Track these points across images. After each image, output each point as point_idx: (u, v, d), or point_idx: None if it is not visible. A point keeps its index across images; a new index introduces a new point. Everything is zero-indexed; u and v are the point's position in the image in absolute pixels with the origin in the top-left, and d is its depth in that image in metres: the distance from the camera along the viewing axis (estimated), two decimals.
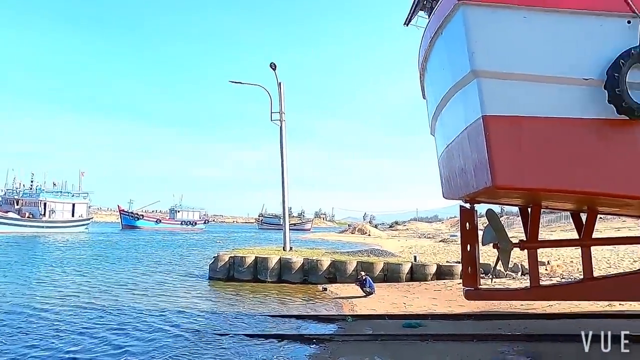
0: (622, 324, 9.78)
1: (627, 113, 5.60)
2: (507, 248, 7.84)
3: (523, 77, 5.89)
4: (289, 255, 18.22)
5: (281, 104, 21.46)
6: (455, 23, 6.26)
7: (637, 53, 5.58)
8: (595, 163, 5.87)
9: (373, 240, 44.24)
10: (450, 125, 7.53)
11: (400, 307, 12.25)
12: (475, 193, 6.82)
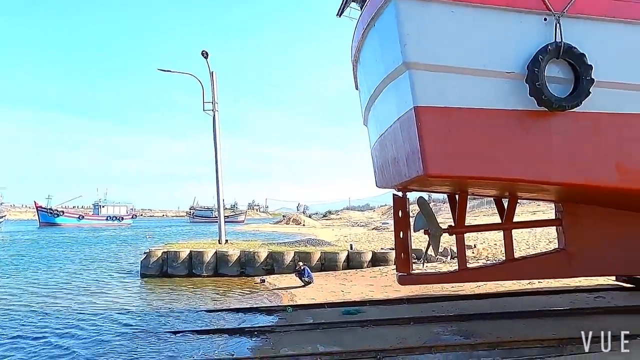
0: (540, 300, 10.64)
1: (546, 105, 5.95)
2: (437, 234, 8.14)
3: (452, 69, 6.08)
4: (225, 248, 17.86)
5: (214, 94, 20.84)
6: (387, 16, 6.35)
7: (554, 49, 5.90)
8: (518, 152, 6.20)
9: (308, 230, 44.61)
10: (383, 116, 7.65)
11: (339, 295, 12.43)
12: (408, 182, 7.02)
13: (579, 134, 6.23)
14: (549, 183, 6.56)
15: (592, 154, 6.29)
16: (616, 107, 6.19)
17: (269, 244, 20.52)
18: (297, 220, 61.08)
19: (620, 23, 6.14)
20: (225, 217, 21.45)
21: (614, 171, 6.34)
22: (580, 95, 6.00)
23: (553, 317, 9.21)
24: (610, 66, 6.11)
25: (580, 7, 6.03)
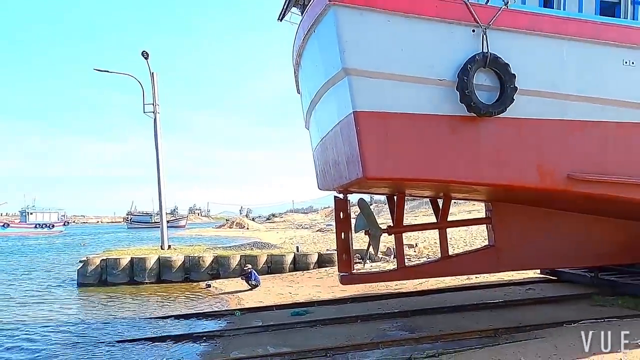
0: (477, 294, 11.33)
1: (475, 111, 6.38)
2: (377, 234, 8.46)
3: (389, 76, 6.37)
4: (168, 254, 17.43)
5: (154, 95, 20.27)
6: (326, 23, 6.54)
7: (481, 58, 6.33)
8: (450, 155, 6.63)
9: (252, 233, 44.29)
10: (324, 120, 7.87)
11: (287, 297, 12.55)
12: (348, 184, 7.30)
13: (505, 138, 6.71)
14: (478, 184, 7.01)
15: (516, 156, 6.77)
16: (537, 113, 6.75)
17: (213, 249, 20.23)
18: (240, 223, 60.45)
19: (539, 36, 6.71)
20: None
21: (536, 173, 6.85)
22: (505, 102, 6.48)
23: (489, 310, 9.86)
24: (531, 75, 6.64)
25: (504, 20, 6.52)
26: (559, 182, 6.88)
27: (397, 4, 6.36)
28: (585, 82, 6.83)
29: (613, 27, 6.98)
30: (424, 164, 6.55)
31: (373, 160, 6.40)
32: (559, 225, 8.34)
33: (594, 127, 6.91)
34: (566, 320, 8.12)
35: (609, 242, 8.67)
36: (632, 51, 6.93)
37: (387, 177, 6.75)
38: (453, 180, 6.86)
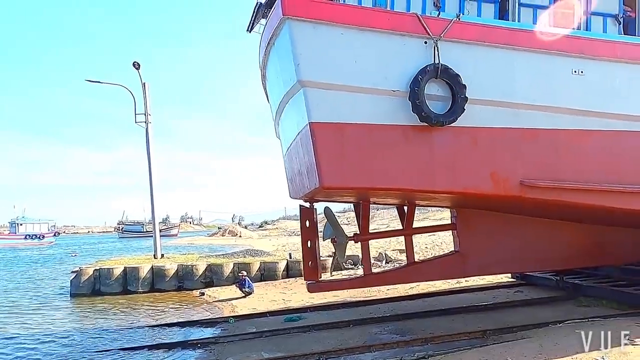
0: (467, 297, 11.57)
1: (426, 121, 6.65)
2: (343, 242, 8.61)
3: (344, 87, 6.61)
4: (161, 263, 17.66)
5: (146, 106, 20.43)
6: (282, 36, 6.78)
7: (432, 69, 6.62)
8: (405, 163, 6.88)
9: (245, 241, 44.34)
10: (288, 130, 8.20)
11: (280, 303, 12.78)
12: (310, 193, 7.56)
13: (458, 146, 7.01)
14: (433, 192, 7.36)
15: (469, 164, 7.08)
16: (489, 122, 7.09)
17: (207, 257, 20.40)
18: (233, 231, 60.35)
19: (490, 47, 7.05)
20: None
21: (489, 180, 7.18)
22: (456, 112, 6.76)
23: (478, 312, 10.16)
24: (483, 85, 6.97)
25: (455, 32, 6.85)
26: (512, 189, 7.21)
27: (351, 17, 6.66)
28: (536, 91, 7.18)
29: (562, 38, 7.35)
30: (380, 173, 6.83)
31: (330, 170, 6.64)
32: (522, 230, 8.66)
33: (546, 135, 7.28)
34: (552, 321, 8.45)
35: (573, 246, 9.00)
36: (581, 61, 7.31)
37: (344, 187, 7.01)
38: (408, 188, 7.15)
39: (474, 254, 8.55)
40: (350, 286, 10.22)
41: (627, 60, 7.50)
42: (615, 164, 7.55)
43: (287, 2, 6.49)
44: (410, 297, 12.06)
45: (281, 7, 6.48)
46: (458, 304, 10.84)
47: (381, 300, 11.90)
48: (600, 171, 7.48)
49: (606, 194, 7.42)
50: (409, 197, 8.47)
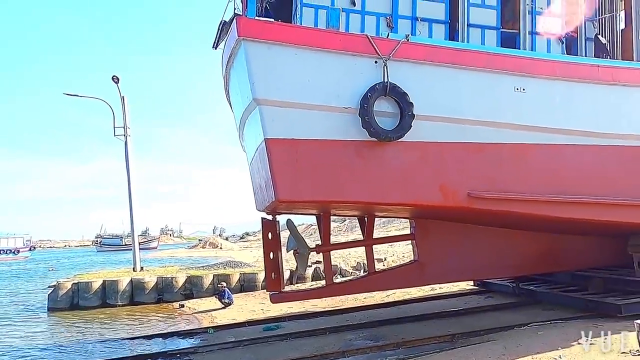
0: (440, 303, 11.96)
1: (375, 136, 7.06)
2: (305, 253, 8.85)
3: (298, 105, 6.97)
4: (140, 276, 17.77)
5: (125, 119, 20.54)
6: (239, 56, 7.13)
7: (381, 87, 7.04)
8: (358, 177, 7.25)
9: (225, 253, 44.17)
10: (250, 144, 8.58)
11: (260, 313, 13.05)
12: (270, 206, 7.90)
13: (408, 160, 7.45)
14: (386, 204, 7.81)
15: (419, 177, 7.53)
16: (438, 137, 7.56)
17: (186, 269, 20.50)
18: (213, 243, 60.01)
19: (437, 66, 7.56)
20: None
21: (438, 192, 7.62)
22: (404, 128, 7.18)
23: (450, 317, 10.58)
24: (431, 102, 7.44)
25: (404, 52, 7.34)
26: (461, 200, 7.63)
27: (304, 38, 7.07)
28: (481, 108, 7.69)
29: (504, 57, 7.95)
30: (333, 186, 7.21)
31: (285, 184, 6.96)
32: (478, 238, 9.13)
33: (491, 149, 7.81)
34: (516, 324, 8.90)
35: (526, 254, 9.51)
36: (523, 78, 7.86)
37: (299, 200, 7.33)
38: (361, 201, 7.52)
39: (432, 262, 9.00)
40: (312, 296, 10.56)
41: (566, 78, 8.11)
42: (556, 176, 8.12)
43: (243, 24, 6.91)
44: (386, 305, 12.46)
45: (237, 29, 6.91)
46: (431, 310, 11.25)
47: (357, 308, 12.27)
48: (543, 183, 8.04)
49: (548, 204, 8.00)
50: (364, 209, 8.79)
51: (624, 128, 8.34)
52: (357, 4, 8.01)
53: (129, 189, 21.09)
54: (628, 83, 8.33)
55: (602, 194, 8.23)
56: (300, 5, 7.93)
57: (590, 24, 9.11)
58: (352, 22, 7.91)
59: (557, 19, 8.71)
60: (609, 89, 8.22)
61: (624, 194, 8.41)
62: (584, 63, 8.41)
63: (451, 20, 8.45)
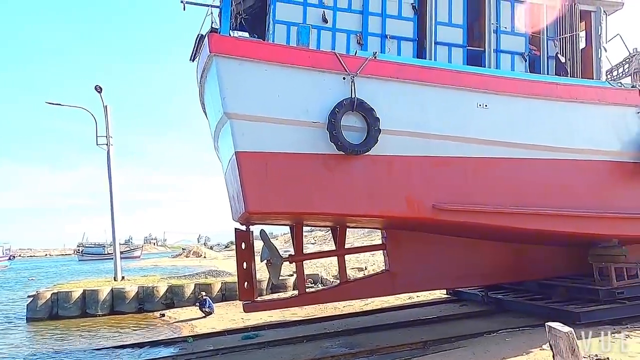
0: (416, 312, 12.27)
1: (342, 150, 7.37)
2: (278, 263, 9.16)
3: (268, 119, 7.25)
4: (121, 285, 17.81)
5: (108, 128, 20.65)
6: (211, 71, 7.42)
7: (348, 103, 7.38)
8: (326, 189, 7.53)
9: (209, 262, 44.11)
10: (224, 155, 8.87)
11: (239, 322, 13.28)
12: (241, 217, 8.13)
13: (375, 173, 7.75)
14: (354, 215, 8.09)
15: (386, 189, 7.83)
16: (404, 150, 7.90)
17: (168, 278, 20.63)
18: (197, 252, 59.82)
19: (404, 83, 7.93)
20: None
21: (404, 204, 7.95)
22: (370, 142, 7.49)
23: (425, 325, 10.89)
24: (398, 117, 7.79)
25: (371, 69, 7.72)
26: (426, 212, 7.96)
27: (274, 55, 7.38)
28: (445, 123, 8.08)
29: (468, 75, 8.39)
30: (302, 198, 7.51)
31: (254, 196, 7.21)
32: (447, 249, 9.49)
33: (456, 162, 8.18)
34: (486, 331, 9.19)
35: (494, 263, 9.88)
36: (485, 95, 8.29)
37: (268, 212, 7.60)
38: (330, 212, 7.80)
39: (402, 272, 9.33)
40: (285, 305, 10.86)
41: (527, 95, 8.56)
42: (518, 189, 8.55)
43: (214, 41, 7.25)
44: (363, 313, 12.76)
45: (209, 46, 7.25)
46: (406, 318, 11.58)
47: (336, 316, 12.56)
48: (506, 195, 8.46)
49: (511, 215, 8.40)
50: (333, 220, 9.04)
51: (581, 143, 8.76)
52: (328, 21, 8.41)
53: (110, 197, 21.18)
54: (585, 100, 8.81)
55: (562, 206, 8.64)
56: (273, 21, 8.30)
57: (551, 43, 9.59)
58: (323, 39, 8.28)
59: (520, 38, 9.24)
60: (567, 105, 8.67)
61: (583, 206, 8.81)
62: (543, 81, 8.86)
63: (419, 38, 8.87)
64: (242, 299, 9.26)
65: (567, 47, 9.24)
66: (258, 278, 18.99)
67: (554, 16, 9.60)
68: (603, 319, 8.62)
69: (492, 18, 9.19)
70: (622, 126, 9.02)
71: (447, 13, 8.94)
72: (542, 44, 9.52)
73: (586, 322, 8.40)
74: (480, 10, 9.41)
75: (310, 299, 10.16)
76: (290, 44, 8.19)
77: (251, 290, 8.94)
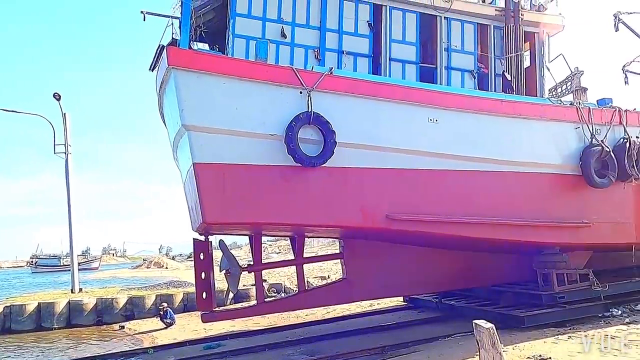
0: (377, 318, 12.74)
1: (300, 162, 7.66)
2: (236, 273, 9.36)
3: (226, 131, 7.47)
4: (79, 297, 17.52)
5: (66, 136, 20.38)
6: (170, 83, 7.60)
7: (305, 116, 7.69)
8: (283, 200, 7.81)
9: (171, 272, 43.60)
10: (183, 166, 9.08)
11: (202, 332, 13.40)
12: (199, 227, 8.31)
13: (330, 184, 8.07)
14: (310, 225, 8.38)
15: (341, 200, 8.16)
16: (359, 163, 8.28)
17: (128, 290, 20.33)
18: (159, 263, 58.90)
19: (358, 98, 8.32)
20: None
21: (359, 214, 8.31)
22: (326, 155, 7.81)
23: (384, 331, 11.30)
24: (353, 130, 8.15)
25: (327, 84, 8.08)
26: (380, 222, 8.34)
27: (232, 68, 7.62)
28: (398, 136, 8.50)
29: (419, 91, 8.89)
30: (259, 209, 7.79)
31: (212, 207, 7.40)
32: (402, 257, 9.93)
33: (408, 174, 8.63)
34: (442, 335, 9.60)
35: (447, 270, 10.36)
36: (436, 110, 8.79)
37: (226, 222, 7.82)
38: (286, 222, 8.08)
39: (359, 280, 9.71)
40: (244, 315, 11.01)
41: (474, 110, 9.12)
42: (467, 199, 9.09)
43: (173, 54, 7.48)
44: (325, 321, 13.15)
45: (167, 58, 7.47)
46: (367, 324, 12.00)
47: (299, 324, 12.89)
48: (456, 205, 8.98)
49: (460, 225, 8.93)
50: (291, 230, 9.36)
51: (525, 156, 9.36)
52: (287, 36, 8.80)
53: (68, 206, 20.85)
54: (527, 116, 9.43)
55: (508, 215, 9.22)
56: (233, 35, 8.63)
57: (499, 62, 10.34)
58: (281, 54, 8.66)
59: (469, 56, 9.94)
60: (511, 121, 9.28)
61: (527, 216, 9.43)
62: (490, 97, 9.49)
63: (375, 54, 9.37)
64: (200, 309, 9.42)
65: (513, 65, 10.03)
66: (222, 288, 19.20)
67: (501, 36, 10.34)
68: (547, 322, 9.23)
69: (443, 37, 9.84)
70: (562, 141, 9.67)
71: (401, 31, 9.52)
72: (490, 63, 10.22)
73: (530, 326, 9.00)
74: (433, 29, 10.02)
75: (269, 308, 10.41)
76: (249, 57, 8.50)
77: (209, 301, 9.06)
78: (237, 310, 11.65)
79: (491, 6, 10.59)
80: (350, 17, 9.26)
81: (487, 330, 5.59)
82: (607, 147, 9.69)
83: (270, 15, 8.87)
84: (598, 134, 9.81)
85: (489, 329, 5.58)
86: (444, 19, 9.94)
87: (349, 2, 9.34)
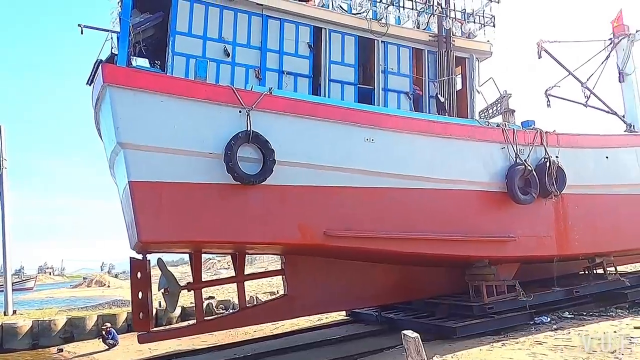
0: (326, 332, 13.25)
1: (238, 180, 7.94)
2: (175, 291, 9.53)
3: (162, 149, 7.64)
4: (12, 320, 17.05)
5: (2, 150, 19.85)
6: (105, 101, 7.73)
7: (244, 135, 7.97)
8: (221, 218, 8.02)
9: (114, 291, 42.65)
10: (120, 183, 9.04)
11: (146, 353, 13.40)
12: (136, 246, 8.35)
13: (270, 202, 8.39)
14: (248, 243, 8.67)
15: (280, 217, 8.49)
16: (297, 180, 8.64)
17: (67, 310, 19.91)
18: (100, 281, 57.39)
19: (297, 117, 8.72)
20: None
21: (297, 231, 8.65)
22: (266, 173, 8.11)
23: (332, 344, 11.78)
24: (292, 149, 8.49)
25: (266, 104, 8.43)
26: (317, 238, 8.71)
27: (170, 87, 7.82)
28: (336, 155, 8.93)
29: (356, 112, 9.40)
30: (197, 226, 7.96)
31: (147, 225, 7.51)
32: (342, 272, 10.33)
33: (346, 192, 9.08)
34: (385, 347, 10.23)
35: (383, 284, 10.88)
36: (372, 130, 9.32)
37: (161, 241, 7.97)
38: (225, 240, 8.31)
39: (300, 296, 10.02)
40: (183, 334, 11.19)
41: (408, 131, 9.75)
42: (403, 216, 9.65)
43: (108, 71, 7.61)
44: (274, 337, 13.48)
45: (102, 76, 7.59)
46: (315, 339, 12.45)
47: (246, 341, 13.14)
48: (392, 222, 9.47)
49: (396, 240, 9.48)
50: (230, 248, 9.75)
51: (456, 174, 10.07)
52: (230, 55, 9.09)
53: (2, 223, 20.30)
54: (458, 136, 10.17)
55: (440, 230, 9.85)
56: (172, 53, 8.87)
57: (432, 84, 11.14)
58: (222, 73, 8.96)
59: (405, 78, 10.66)
60: (443, 141, 9.98)
61: (458, 231, 10.08)
62: (422, 119, 10.19)
63: (314, 75, 9.89)
64: (136, 330, 9.44)
65: (446, 88, 10.87)
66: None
67: (434, 61, 11.16)
68: (477, 332, 9.88)
69: (380, 60, 10.52)
70: (490, 160, 10.45)
71: (340, 53, 10.15)
72: (425, 85, 11.00)
73: (462, 336, 9.63)
74: (371, 52, 10.72)
75: (210, 327, 10.56)
76: (189, 76, 8.76)
77: (146, 321, 9.12)
78: (176, 330, 11.69)
79: (425, 32, 11.37)
80: (291, 39, 9.73)
81: (413, 340, 6.26)
82: (529, 166, 10.49)
83: (211, 34, 9.17)
84: (522, 153, 10.63)
85: (414, 338, 6.25)
86: (381, 42, 10.64)
87: (289, 24, 9.83)
